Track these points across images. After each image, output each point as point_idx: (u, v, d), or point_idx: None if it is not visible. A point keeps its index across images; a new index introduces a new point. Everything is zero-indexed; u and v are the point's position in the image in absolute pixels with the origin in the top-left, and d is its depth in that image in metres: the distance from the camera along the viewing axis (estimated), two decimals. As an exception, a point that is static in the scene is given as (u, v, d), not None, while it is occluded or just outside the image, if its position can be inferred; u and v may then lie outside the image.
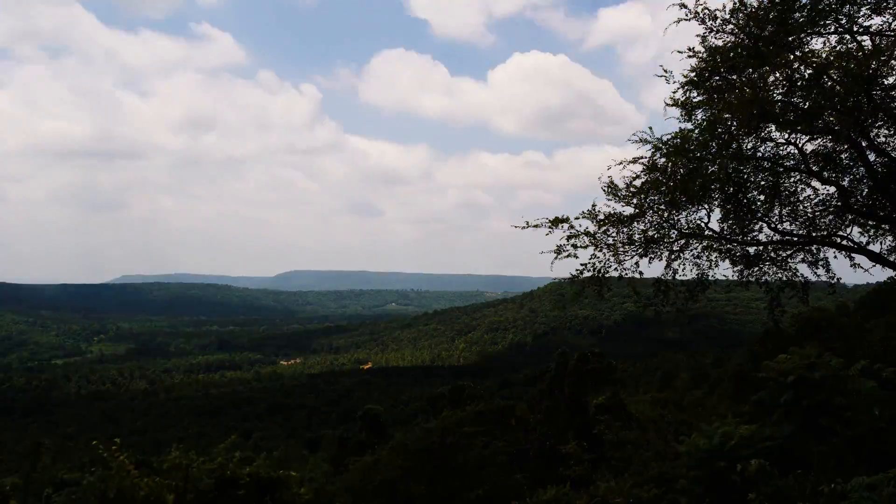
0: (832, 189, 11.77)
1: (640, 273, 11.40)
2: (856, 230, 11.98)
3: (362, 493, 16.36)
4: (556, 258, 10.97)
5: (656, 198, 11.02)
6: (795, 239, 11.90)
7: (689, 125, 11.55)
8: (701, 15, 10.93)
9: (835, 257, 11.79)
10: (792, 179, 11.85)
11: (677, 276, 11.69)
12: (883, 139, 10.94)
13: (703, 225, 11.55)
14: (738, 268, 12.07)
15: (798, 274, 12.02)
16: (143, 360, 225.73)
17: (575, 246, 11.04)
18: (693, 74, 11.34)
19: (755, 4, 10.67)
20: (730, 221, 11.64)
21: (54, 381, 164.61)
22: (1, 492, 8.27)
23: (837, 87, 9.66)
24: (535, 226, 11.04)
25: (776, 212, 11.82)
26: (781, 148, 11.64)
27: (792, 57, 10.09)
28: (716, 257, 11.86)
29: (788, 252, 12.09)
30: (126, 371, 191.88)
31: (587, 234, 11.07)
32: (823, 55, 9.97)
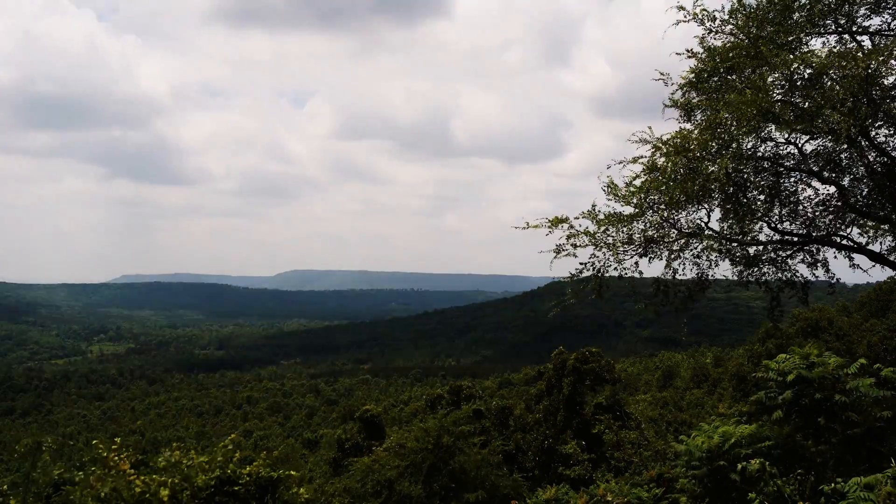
0: (832, 189, 11.78)
1: (640, 273, 11.41)
2: (856, 230, 12.00)
3: (360, 494, 16.36)
4: (555, 258, 10.98)
5: (656, 197, 11.01)
6: (795, 239, 11.90)
7: (688, 125, 11.58)
8: (700, 16, 10.95)
9: (835, 257, 11.81)
10: (792, 179, 11.86)
11: (677, 276, 11.69)
12: (883, 139, 10.95)
13: (703, 225, 11.54)
14: (738, 268, 12.07)
15: (798, 274, 12.03)
16: (143, 360, 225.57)
17: (575, 245, 11.05)
18: (692, 75, 11.35)
19: (754, 5, 10.68)
20: (730, 221, 11.63)
21: (54, 381, 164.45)
22: (0, 492, 8.27)
23: (837, 87, 9.66)
24: (535, 226, 11.06)
25: (776, 212, 11.82)
26: (781, 148, 11.65)
27: (791, 57, 10.08)
28: (716, 257, 11.85)
29: (788, 252, 12.10)
30: (126, 371, 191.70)
31: (587, 233, 11.07)
32: (823, 55, 9.97)
